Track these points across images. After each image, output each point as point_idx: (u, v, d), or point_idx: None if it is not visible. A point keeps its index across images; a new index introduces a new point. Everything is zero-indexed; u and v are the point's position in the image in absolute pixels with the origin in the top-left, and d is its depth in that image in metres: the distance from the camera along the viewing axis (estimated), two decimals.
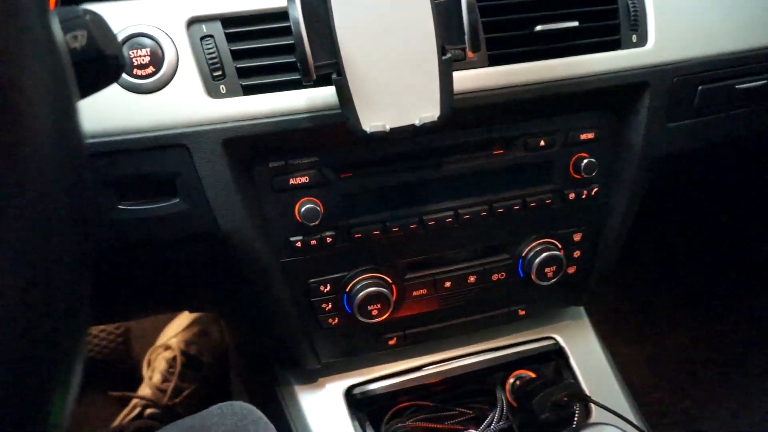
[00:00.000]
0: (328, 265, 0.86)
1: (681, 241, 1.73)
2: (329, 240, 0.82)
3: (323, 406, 0.97)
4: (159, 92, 0.71)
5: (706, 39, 0.89)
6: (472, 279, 0.92)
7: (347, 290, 0.87)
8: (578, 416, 0.97)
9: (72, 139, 0.36)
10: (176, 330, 1.61)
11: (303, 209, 0.79)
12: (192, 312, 1.58)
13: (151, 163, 0.72)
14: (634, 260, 1.70)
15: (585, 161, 0.88)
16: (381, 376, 0.99)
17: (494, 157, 0.87)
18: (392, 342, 0.96)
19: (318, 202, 0.80)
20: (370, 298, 0.85)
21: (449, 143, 0.84)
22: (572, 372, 1.04)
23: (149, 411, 1.46)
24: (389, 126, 0.67)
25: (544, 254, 0.91)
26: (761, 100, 0.95)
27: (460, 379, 1.03)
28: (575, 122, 0.89)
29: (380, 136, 0.67)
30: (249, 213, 0.77)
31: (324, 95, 0.74)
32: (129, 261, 0.84)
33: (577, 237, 0.95)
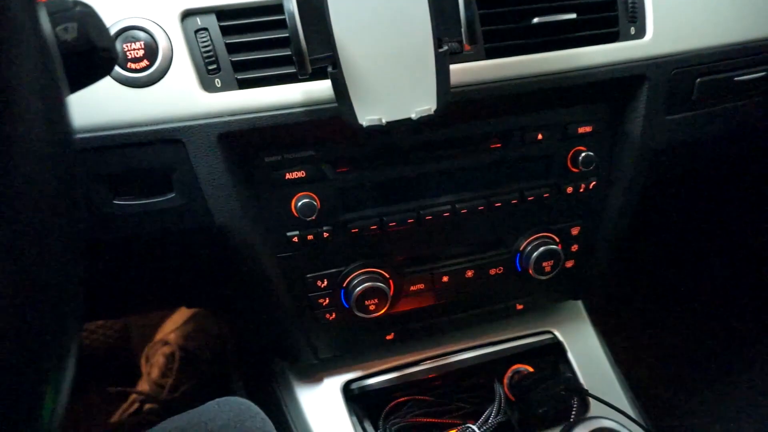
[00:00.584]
0: (325, 260, 0.85)
1: (680, 235, 1.73)
2: (326, 235, 0.82)
3: (321, 401, 0.97)
4: (153, 86, 0.70)
5: (705, 31, 0.89)
6: (470, 274, 0.92)
7: (344, 285, 0.87)
8: (576, 410, 0.96)
9: (61, 133, 0.35)
10: (174, 325, 1.61)
11: (299, 204, 0.78)
12: (190, 308, 1.58)
13: (146, 158, 0.71)
14: (633, 254, 1.70)
15: (583, 155, 0.88)
16: (379, 371, 0.99)
17: (492, 151, 0.86)
18: (390, 337, 0.96)
19: (314, 197, 0.79)
20: (368, 293, 0.85)
21: (446, 137, 0.83)
22: (570, 366, 1.04)
23: (148, 406, 1.46)
24: (385, 119, 0.67)
25: (542, 248, 0.91)
26: (760, 92, 0.95)
27: (458, 374, 1.03)
28: (573, 115, 0.88)
29: (376, 130, 0.67)
30: (245, 208, 0.77)
31: (320, 89, 0.73)
32: (126, 256, 0.83)
33: (575, 231, 0.95)
